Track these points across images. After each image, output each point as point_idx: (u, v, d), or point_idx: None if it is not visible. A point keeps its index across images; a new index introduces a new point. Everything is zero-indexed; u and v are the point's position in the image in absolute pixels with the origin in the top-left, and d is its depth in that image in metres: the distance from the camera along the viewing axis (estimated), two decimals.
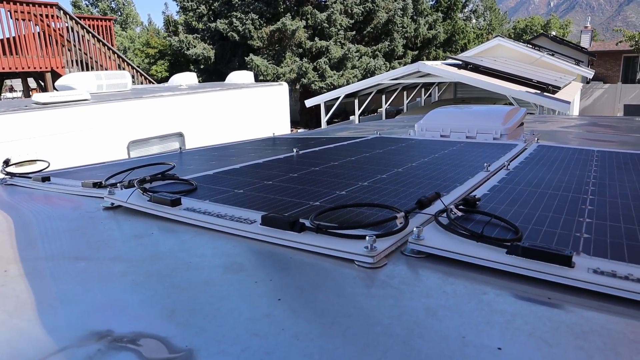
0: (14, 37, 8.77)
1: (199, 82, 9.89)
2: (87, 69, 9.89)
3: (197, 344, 0.53)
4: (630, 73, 22.13)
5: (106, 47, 10.38)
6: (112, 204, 1.13)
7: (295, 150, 1.83)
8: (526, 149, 1.85)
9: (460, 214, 0.93)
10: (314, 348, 0.51)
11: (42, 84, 9.72)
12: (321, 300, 0.63)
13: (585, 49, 20.24)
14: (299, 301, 0.62)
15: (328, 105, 12.07)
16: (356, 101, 12.68)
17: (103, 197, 1.16)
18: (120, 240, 0.91)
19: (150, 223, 1.00)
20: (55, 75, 8.92)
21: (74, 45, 9.71)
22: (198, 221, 0.95)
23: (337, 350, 0.51)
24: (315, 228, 0.81)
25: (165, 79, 10.48)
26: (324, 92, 12.73)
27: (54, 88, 6.51)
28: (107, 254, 0.84)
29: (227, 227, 0.90)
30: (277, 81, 10.92)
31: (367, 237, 0.75)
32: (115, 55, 10.66)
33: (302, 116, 17.11)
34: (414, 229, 0.79)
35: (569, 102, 8.71)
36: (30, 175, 1.48)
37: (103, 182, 1.32)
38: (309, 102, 11.91)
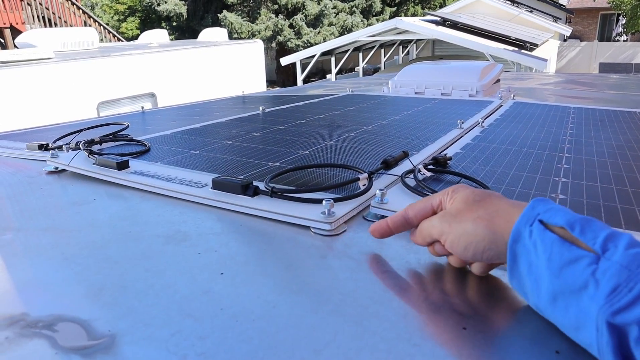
0: None
1: (171, 39, 9.54)
2: (50, 26, 9.41)
3: (122, 327, 0.47)
4: (607, 31, 22.17)
5: (70, 2, 9.86)
6: (56, 167, 1.04)
7: (261, 108, 1.74)
8: (502, 105, 1.79)
9: (429, 174, 0.86)
10: (253, 331, 0.45)
11: (2, 41, 9.23)
12: (268, 274, 0.56)
13: (564, 5, 20.09)
14: (243, 275, 0.56)
15: (304, 63, 11.81)
16: (333, 59, 12.42)
17: (46, 161, 1.06)
18: (58, 207, 0.82)
19: (95, 188, 0.91)
20: (15, 32, 8.46)
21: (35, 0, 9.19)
22: (145, 185, 0.87)
23: (280, 334, 0.45)
24: (269, 192, 0.74)
25: (136, 37, 10.06)
26: (301, 50, 12.42)
27: (14, 45, 6.17)
28: (39, 223, 0.75)
29: (175, 191, 0.82)
30: (251, 39, 10.59)
31: (324, 202, 0.68)
32: (81, 11, 10.15)
33: (279, 75, 16.76)
34: (377, 191, 0.72)
35: (546, 60, 8.67)
36: None
37: (50, 144, 1.22)
38: (285, 61, 11.63)
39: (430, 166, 0.90)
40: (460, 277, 0.55)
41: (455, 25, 10.46)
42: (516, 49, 9.18)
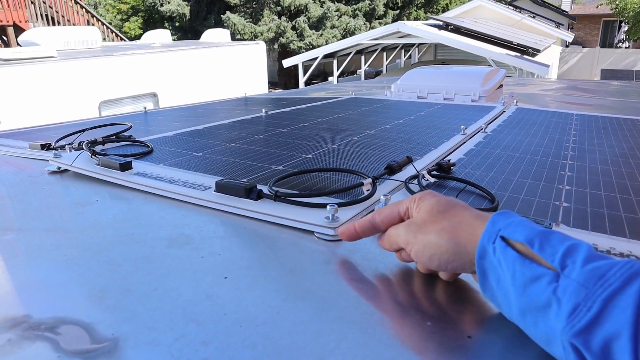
0: None
1: (174, 40, 9.55)
2: (53, 24, 9.41)
3: (125, 331, 0.46)
4: (609, 37, 22.20)
5: (74, 1, 9.87)
6: (59, 167, 1.04)
7: (264, 110, 1.74)
8: (505, 111, 1.79)
9: (432, 180, 0.86)
10: (257, 337, 0.45)
11: (5, 39, 9.23)
12: (272, 279, 0.56)
13: (566, 11, 20.13)
14: (247, 280, 0.55)
15: (306, 65, 11.82)
16: (335, 62, 12.44)
17: (48, 160, 1.06)
18: (60, 208, 0.82)
19: (98, 189, 0.91)
20: (18, 30, 8.46)
21: None
22: (148, 187, 0.87)
23: (284, 339, 0.44)
24: (273, 195, 0.74)
25: (139, 37, 10.08)
26: (303, 52, 12.43)
27: (17, 43, 6.18)
28: (42, 224, 0.75)
29: (179, 193, 0.82)
30: (254, 40, 10.61)
31: (328, 206, 0.68)
32: (84, 10, 10.16)
33: (281, 77, 16.78)
34: (382, 196, 0.72)
35: (548, 66, 8.68)
36: None
37: (53, 144, 1.22)
38: (287, 62, 11.64)
39: (434, 172, 0.89)
40: (465, 286, 0.55)
41: (457, 30, 10.47)
42: (518, 54, 9.19)
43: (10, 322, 0.48)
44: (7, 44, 9.05)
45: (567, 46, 16.93)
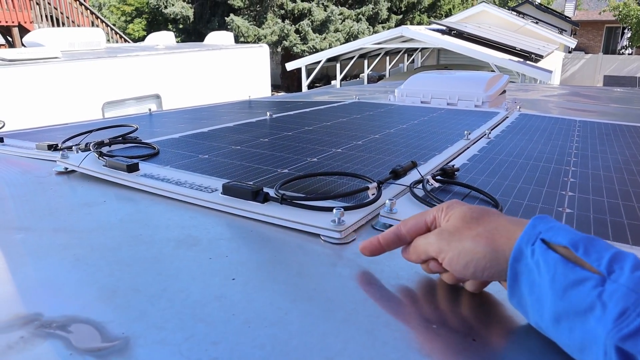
0: None
1: (177, 42, 9.58)
2: (58, 25, 9.46)
3: (135, 330, 0.47)
4: (612, 44, 22.22)
5: (78, 2, 9.91)
6: (66, 168, 1.05)
7: (268, 113, 1.75)
8: (508, 117, 1.80)
9: (437, 185, 0.87)
10: (266, 338, 0.45)
11: (9, 39, 9.27)
12: (280, 281, 0.56)
13: (569, 17, 20.17)
14: (255, 281, 0.56)
15: (309, 69, 11.84)
16: (338, 65, 12.45)
17: (56, 161, 1.07)
18: (68, 208, 0.83)
19: (105, 190, 0.92)
20: (23, 31, 8.50)
21: None
22: (155, 189, 0.88)
23: (293, 340, 0.45)
24: (279, 198, 0.75)
25: (143, 39, 10.13)
26: (306, 56, 12.45)
27: (22, 44, 6.20)
28: (50, 224, 0.76)
29: (186, 195, 0.83)
30: (257, 43, 10.63)
31: (334, 210, 0.69)
32: (89, 11, 10.21)
33: (284, 80, 16.81)
34: (387, 201, 0.73)
35: (550, 71, 8.68)
36: None
37: (59, 145, 1.23)
38: (290, 66, 11.66)
39: (438, 177, 0.90)
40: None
41: (460, 35, 10.49)
42: (521, 59, 9.20)
43: (22, 320, 0.49)
44: (12, 45, 9.09)
45: (570, 52, 16.95)
